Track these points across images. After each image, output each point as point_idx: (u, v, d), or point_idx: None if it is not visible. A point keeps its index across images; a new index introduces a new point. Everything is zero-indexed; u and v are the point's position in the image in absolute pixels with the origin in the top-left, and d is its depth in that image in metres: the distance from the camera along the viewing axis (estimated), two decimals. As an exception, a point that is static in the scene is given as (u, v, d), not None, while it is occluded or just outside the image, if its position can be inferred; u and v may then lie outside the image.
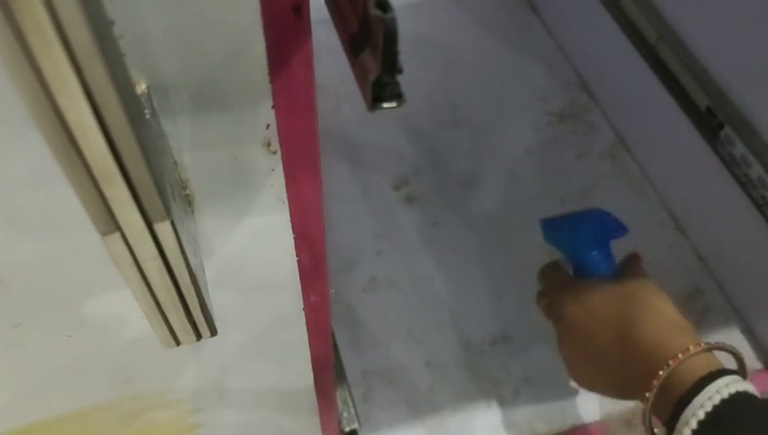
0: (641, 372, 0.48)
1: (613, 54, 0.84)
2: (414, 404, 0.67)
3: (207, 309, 0.26)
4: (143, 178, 0.18)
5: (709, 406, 0.43)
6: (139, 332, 0.34)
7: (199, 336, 0.26)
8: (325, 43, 0.62)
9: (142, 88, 0.23)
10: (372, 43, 0.21)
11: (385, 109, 0.21)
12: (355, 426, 0.64)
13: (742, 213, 0.67)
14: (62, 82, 0.15)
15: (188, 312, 0.25)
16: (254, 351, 0.40)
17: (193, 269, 0.23)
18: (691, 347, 0.47)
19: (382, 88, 0.21)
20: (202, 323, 0.26)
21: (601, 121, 0.89)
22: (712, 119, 0.67)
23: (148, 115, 0.23)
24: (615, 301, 0.54)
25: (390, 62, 0.20)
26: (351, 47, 0.23)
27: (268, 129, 0.27)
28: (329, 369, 0.46)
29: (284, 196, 0.30)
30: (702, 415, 0.43)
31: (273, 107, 0.26)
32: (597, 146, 0.86)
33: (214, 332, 0.27)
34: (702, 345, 0.47)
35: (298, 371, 0.43)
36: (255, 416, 0.46)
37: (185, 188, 0.28)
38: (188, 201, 0.28)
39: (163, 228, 0.21)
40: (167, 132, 0.25)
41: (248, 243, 0.32)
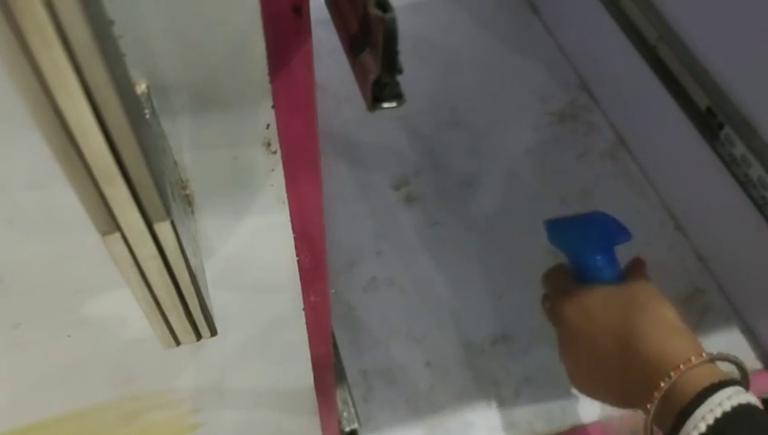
0: (642, 380, 0.48)
1: (613, 54, 0.84)
2: (414, 404, 0.67)
3: (207, 309, 0.26)
4: (143, 178, 0.18)
5: (711, 419, 0.42)
6: (139, 332, 0.34)
7: (199, 336, 0.26)
8: (325, 43, 0.62)
9: (142, 88, 0.23)
10: (372, 43, 0.21)
11: (385, 109, 0.21)
12: (355, 426, 0.64)
13: (742, 213, 0.67)
14: (62, 82, 0.15)
15: (188, 312, 0.25)
16: (254, 351, 0.40)
17: (193, 269, 0.23)
18: (693, 358, 0.46)
19: (382, 88, 0.21)
20: (202, 323, 0.26)
21: (601, 121, 0.89)
22: (712, 119, 0.67)
23: (148, 115, 0.23)
24: (617, 307, 0.53)
25: (390, 62, 0.20)
26: (351, 47, 0.23)
27: (268, 129, 0.27)
28: (329, 369, 0.46)
29: (284, 196, 0.30)
30: (703, 428, 0.42)
31: (273, 107, 0.26)
32: (597, 146, 0.86)
33: (214, 332, 0.27)
34: (704, 356, 0.46)
35: (298, 371, 0.43)
36: (255, 416, 0.46)
37: (185, 188, 0.28)
38: (188, 201, 0.28)
39: (163, 228, 0.21)
40: (167, 132, 0.25)
41: (248, 243, 0.32)
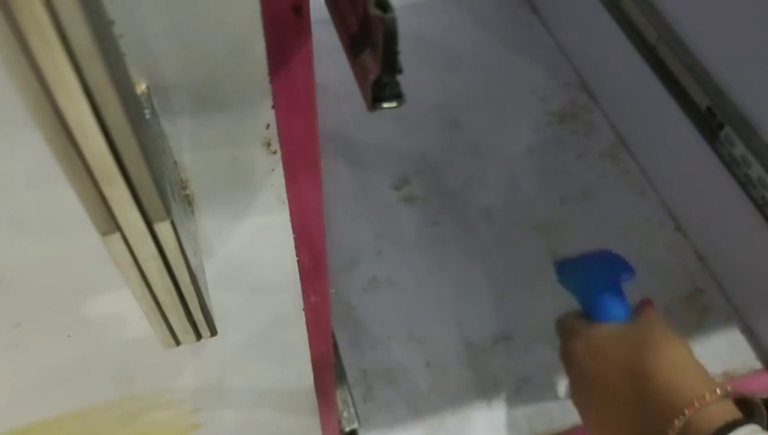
0: (656, 417, 0.46)
1: (613, 54, 0.84)
2: (414, 404, 0.67)
3: (207, 309, 0.26)
4: (143, 178, 0.18)
5: None
6: (139, 332, 0.34)
7: (199, 336, 0.26)
8: (325, 43, 0.62)
9: (142, 88, 0.23)
10: (372, 43, 0.21)
11: (385, 109, 0.21)
12: (355, 426, 0.64)
13: (742, 213, 0.67)
14: (62, 82, 0.15)
15: (188, 312, 0.25)
16: (254, 351, 0.40)
17: (193, 269, 0.23)
18: (707, 394, 0.44)
19: (382, 88, 0.21)
20: (202, 323, 0.26)
21: (601, 121, 0.89)
22: (712, 119, 0.67)
23: (148, 115, 0.23)
24: (629, 343, 0.51)
25: (390, 63, 0.20)
26: (351, 47, 0.23)
27: (268, 129, 0.27)
28: (329, 369, 0.46)
29: (284, 196, 0.30)
30: None
31: (273, 107, 0.26)
32: (597, 146, 0.86)
33: (214, 332, 0.27)
34: (718, 392, 0.45)
35: (298, 371, 0.43)
36: (255, 416, 0.46)
37: (185, 188, 0.28)
38: (188, 201, 0.28)
39: (163, 228, 0.21)
40: (167, 132, 0.25)
41: (248, 243, 0.32)
